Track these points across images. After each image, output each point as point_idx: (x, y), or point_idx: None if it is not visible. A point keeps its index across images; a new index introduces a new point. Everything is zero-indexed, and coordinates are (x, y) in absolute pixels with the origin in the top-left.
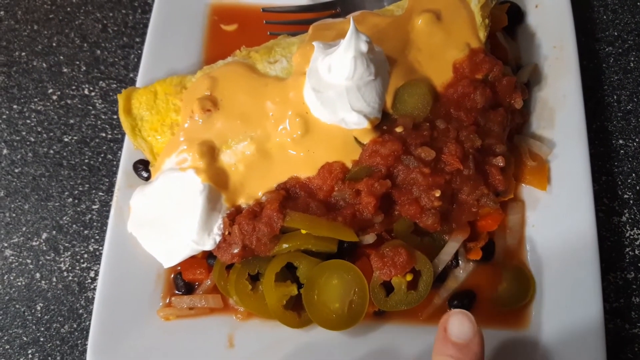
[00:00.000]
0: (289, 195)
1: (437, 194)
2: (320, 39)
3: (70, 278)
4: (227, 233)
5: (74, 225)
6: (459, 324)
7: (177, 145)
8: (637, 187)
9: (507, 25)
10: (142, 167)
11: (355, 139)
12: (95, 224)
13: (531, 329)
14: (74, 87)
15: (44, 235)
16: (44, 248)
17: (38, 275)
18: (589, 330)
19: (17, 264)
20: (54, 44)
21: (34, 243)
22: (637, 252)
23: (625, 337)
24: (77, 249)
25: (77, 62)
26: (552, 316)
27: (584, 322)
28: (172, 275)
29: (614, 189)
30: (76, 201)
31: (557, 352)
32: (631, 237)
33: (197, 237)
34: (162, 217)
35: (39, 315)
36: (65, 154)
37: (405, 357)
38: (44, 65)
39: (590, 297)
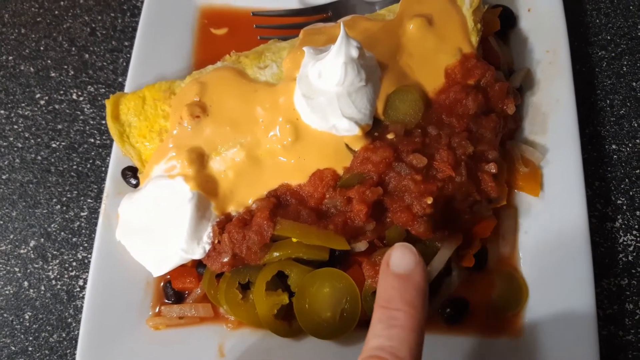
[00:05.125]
0: (280, 203)
1: (429, 201)
2: (310, 44)
3: (58, 286)
4: (216, 241)
5: (62, 233)
6: (400, 255)
7: (166, 152)
8: (631, 193)
9: (500, 30)
10: (131, 174)
11: (347, 145)
12: (83, 231)
13: (524, 336)
14: (62, 92)
15: (32, 243)
16: (32, 256)
17: (26, 283)
18: (582, 338)
19: (4, 272)
20: (42, 48)
21: (21, 251)
22: (630, 258)
23: (619, 344)
24: (65, 257)
25: (65, 67)
26: (545, 323)
27: (577, 330)
28: (162, 284)
29: (607, 195)
30: (64, 208)
31: None
32: (624, 242)
33: (186, 246)
34: (151, 225)
35: (27, 324)
36: (53, 160)
37: None
38: (32, 69)
39: (583, 304)
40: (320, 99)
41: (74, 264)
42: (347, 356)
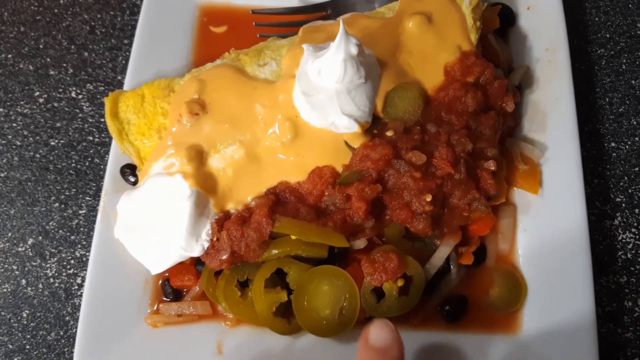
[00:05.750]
0: (279, 200)
1: (428, 198)
2: (310, 42)
3: (56, 284)
4: (215, 239)
5: (61, 231)
6: (378, 330)
7: (165, 149)
8: (629, 190)
9: (499, 28)
10: (130, 172)
11: (346, 143)
12: (82, 229)
13: (523, 333)
14: (60, 90)
15: (30, 241)
16: (30, 254)
17: (24, 281)
18: (581, 335)
19: (2, 270)
20: (41, 46)
21: (19, 249)
22: (629, 255)
23: (618, 342)
24: (63, 255)
25: (64, 65)
26: (544, 321)
27: (576, 327)
28: (160, 282)
29: (606, 192)
30: (63, 206)
31: (549, 357)
32: (623, 240)
33: (185, 244)
34: (150, 223)
35: (25, 322)
36: (51, 158)
37: None
38: (31, 67)
39: (582, 301)
40: (320, 96)
41: (72, 262)
42: (346, 354)
